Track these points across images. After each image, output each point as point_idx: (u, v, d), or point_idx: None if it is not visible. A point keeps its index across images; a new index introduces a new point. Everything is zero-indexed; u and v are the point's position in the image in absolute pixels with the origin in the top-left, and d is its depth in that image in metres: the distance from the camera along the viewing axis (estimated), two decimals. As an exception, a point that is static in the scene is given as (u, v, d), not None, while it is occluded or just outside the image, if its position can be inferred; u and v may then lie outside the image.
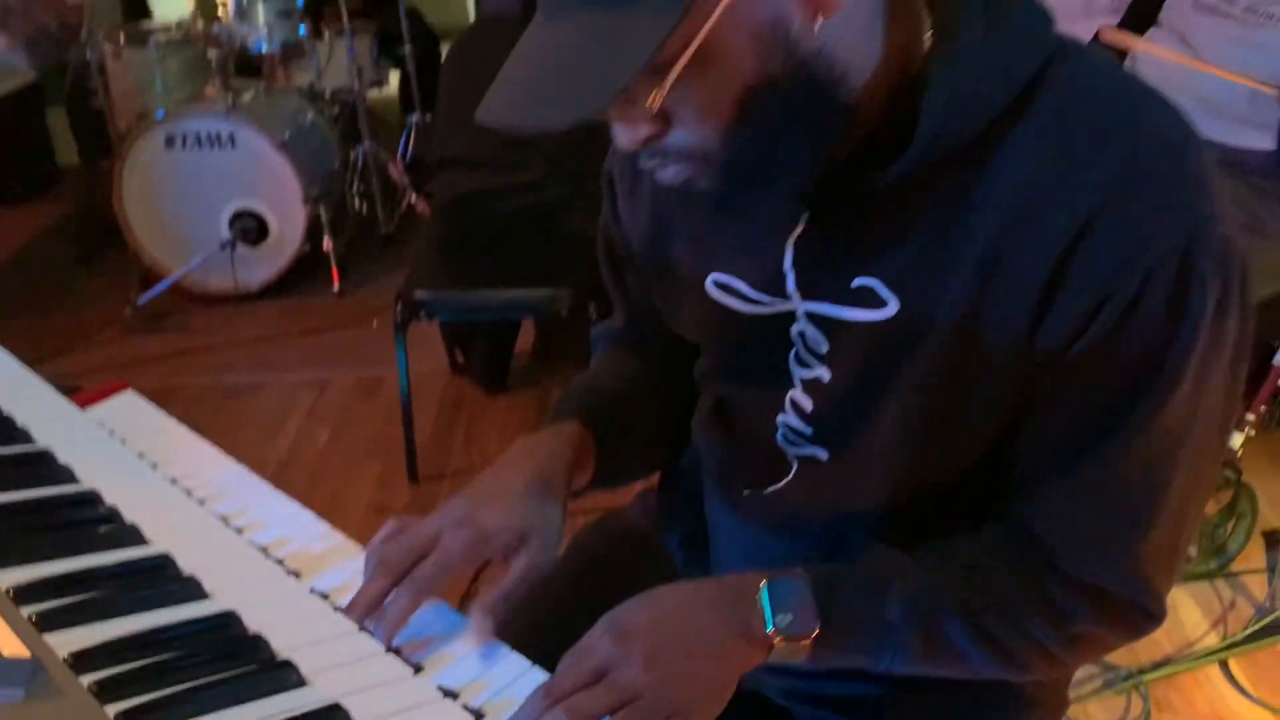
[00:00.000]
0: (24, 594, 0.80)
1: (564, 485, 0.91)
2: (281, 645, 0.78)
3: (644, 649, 0.76)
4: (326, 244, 3.37)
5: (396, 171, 3.67)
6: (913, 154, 0.72)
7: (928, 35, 0.73)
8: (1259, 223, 1.89)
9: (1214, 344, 0.74)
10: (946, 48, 0.72)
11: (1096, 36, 2.24)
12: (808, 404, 0.86)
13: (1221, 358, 0.75)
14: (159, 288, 3.28)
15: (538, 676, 0.79)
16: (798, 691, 0.96)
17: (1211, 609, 1.99)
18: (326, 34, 3.66)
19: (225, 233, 3.31)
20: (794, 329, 0.84)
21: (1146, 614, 0.82)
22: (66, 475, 0.99)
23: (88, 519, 0.93)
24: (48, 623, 0.76)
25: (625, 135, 0.72)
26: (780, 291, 0.83)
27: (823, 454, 0.87)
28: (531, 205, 2.47)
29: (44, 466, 1.01)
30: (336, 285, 3.41)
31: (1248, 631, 1.87)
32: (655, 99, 0.67)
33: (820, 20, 0.67)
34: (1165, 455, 0.76)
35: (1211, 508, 2.04)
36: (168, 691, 0.69)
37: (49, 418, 1.09)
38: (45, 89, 4.25)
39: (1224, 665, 1.84)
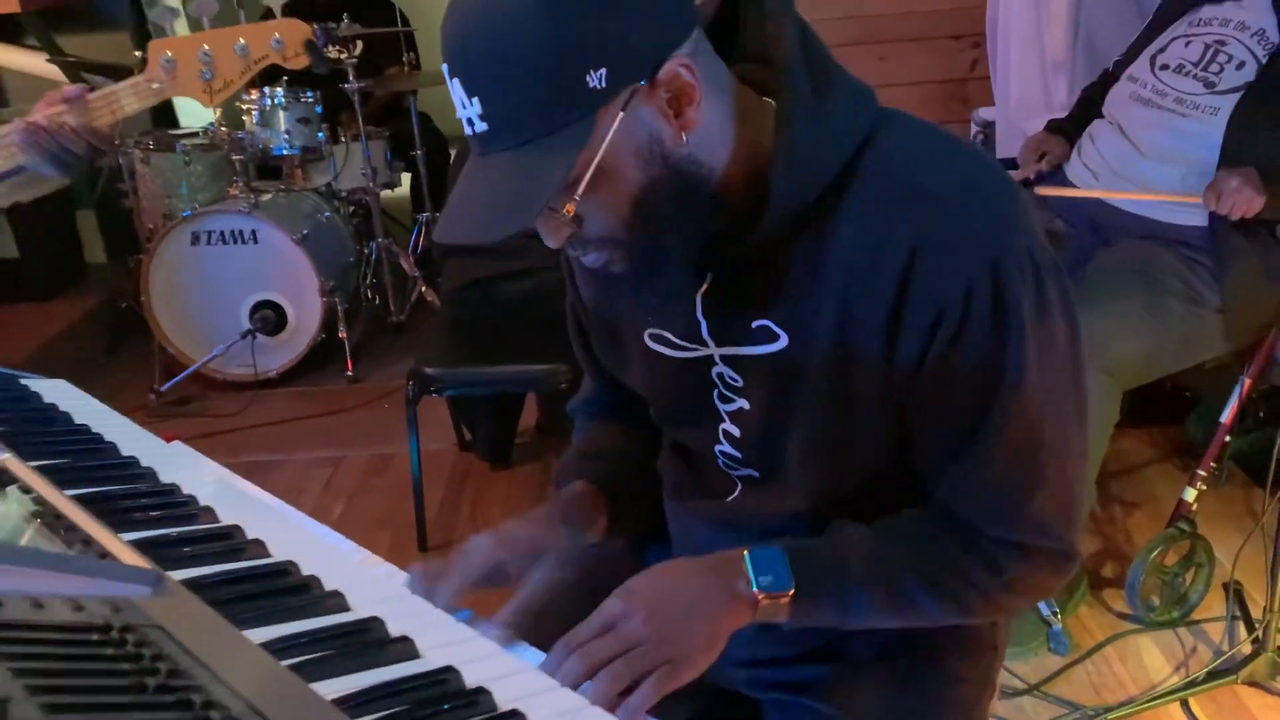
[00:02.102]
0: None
1: (583, 522, 1.06)
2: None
3: (646, 606, 0.91)
4: (341, 333, 3.55)
5: (408, 264, 3.85)
6: (768, 219, 0.89)
7: (771, 120, 0.89)
8: (1196, 293, 2.03)
9: (1044, 336, 0.90)
10: (784, 131, 0.88)
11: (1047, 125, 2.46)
12: (736, 432, 1.02)
13: (1056, 345, 0.91)
14: (182, 375, 3.45)
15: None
16: (761, 680, 1.10)
17: (1174, 654, 2.09)
18: (344, 139, 3.86)
19: (246, 323, 3.49)
20: (714, 371, 1.00)
21: (1063, 555, 0.97)
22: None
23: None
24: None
25: (551, 236, 0.89)
26: (698, 339, 1.00)
27: (755, 474, 1.04)
28: (532, 289, 2.64)
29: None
30: (350, 371, 3.57)
31: (1206, 670, 1.98)
32: (570, 208, 0.85)
33: (684, 135, 0.86)
34: (1031, 431, 0.92)
35: (1171, 558, 2.16)
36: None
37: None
38: (75, 193, 4.50)
39: (1185, 704, 1.94)
